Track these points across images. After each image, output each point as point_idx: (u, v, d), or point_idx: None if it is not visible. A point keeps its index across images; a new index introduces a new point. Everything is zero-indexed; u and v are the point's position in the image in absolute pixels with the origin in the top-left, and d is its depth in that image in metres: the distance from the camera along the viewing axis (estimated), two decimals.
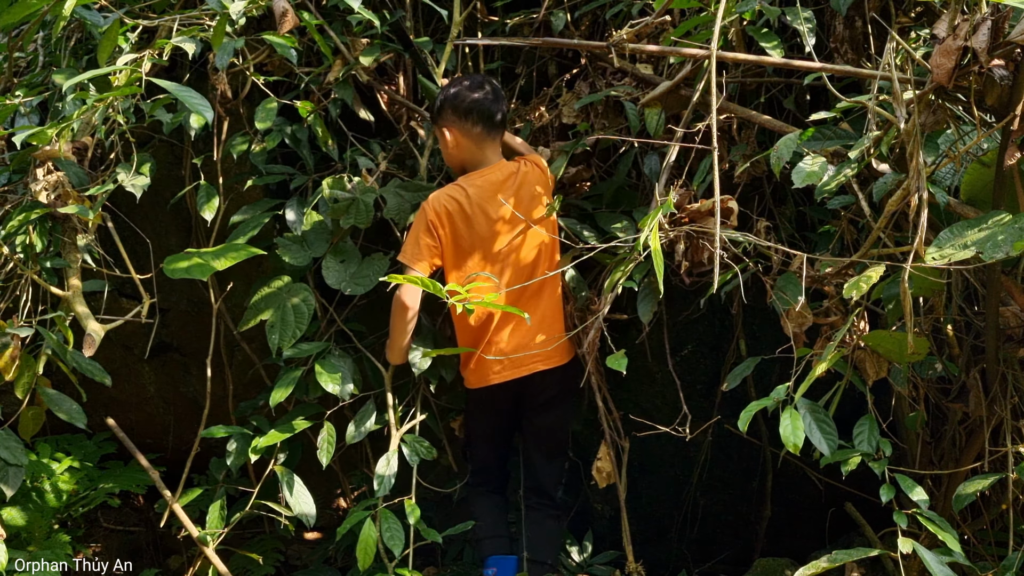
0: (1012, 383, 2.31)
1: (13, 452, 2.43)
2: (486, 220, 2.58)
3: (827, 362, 2.11)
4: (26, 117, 2.84)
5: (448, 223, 2.56)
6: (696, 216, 2.37)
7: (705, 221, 2.35)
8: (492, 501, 2.85)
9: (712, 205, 2.33)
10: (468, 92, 2.59)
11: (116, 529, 3.85)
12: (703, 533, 3.48)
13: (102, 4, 2.75)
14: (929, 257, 1.87)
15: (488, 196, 2.58)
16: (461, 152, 2.64)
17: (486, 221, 2.58)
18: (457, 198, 2.57)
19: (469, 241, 2.57)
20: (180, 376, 3.58)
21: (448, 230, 2.57)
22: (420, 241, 2.55)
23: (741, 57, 2.37)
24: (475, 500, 2.86)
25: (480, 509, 2.84)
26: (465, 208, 2.56)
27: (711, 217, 2.32)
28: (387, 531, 2.49)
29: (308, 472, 2.95)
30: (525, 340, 2.63)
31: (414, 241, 2.56)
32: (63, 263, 2.52)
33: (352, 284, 2.67)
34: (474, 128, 2.60)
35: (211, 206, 2.72)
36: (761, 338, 2.99)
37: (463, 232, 2.57)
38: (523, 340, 2.63)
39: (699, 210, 2.36)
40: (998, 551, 2.49)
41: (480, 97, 2.59)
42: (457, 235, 2.57)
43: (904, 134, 1.97)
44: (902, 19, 2.48)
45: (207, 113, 2.24)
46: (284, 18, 2.45)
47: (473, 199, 2.57)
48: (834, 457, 2.15)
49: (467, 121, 2.60)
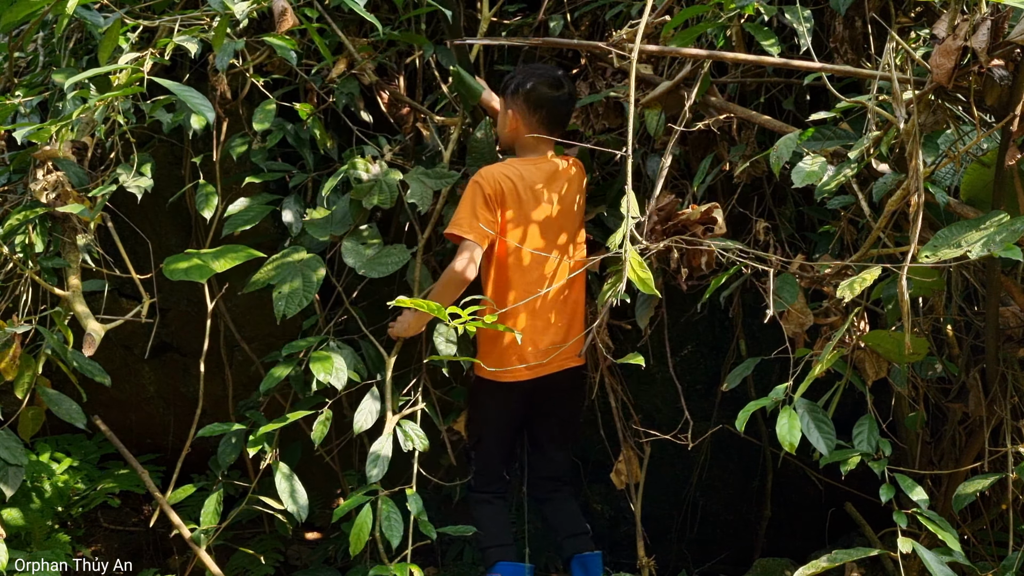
0: (1012, 383, 2.32)
1: (13, 452, 2.43)
2: (536, 205, 2.58)
3: (826, 362, 2.11)
4: (26, 117, 2.84)
5: (504, 200, 2.55)
6: (688, 223, 2.37)
7: (695, 228, 2.36)
8: (496, 508, 2.81)
9: (700, 214, 2.34)
10: (545, 88, 2.61)
11: (116, 529, 3.85)
12: (703, 533, 3.49)
13: (103, 4, 2.75)
14: (922, 256, 1.88)
15: (540, 182, 2.59)
16: (517, 136, 2.66)
17: (536, 206, 2.58)
18: (511, 176, 2.56)
19: (519, 223, 2.57)
20: (180, 376, 3.58)
21: (506, 207, 2.55)
22: (478, 213, 2.50)
23: (741, 57, 2.37)
24: (479, 507, 2.80)
25: (484, 517, 2.79)
26: (518, 188, 2.56)
27: (700, 225, 2.33)
28: (385, 520, 2.43)
29: (307, 472, 2.95)
30: (557, 337, 2.63)
31: (470, 213, 2.51)
32: (63, 263, 2.52)
33: (369, 267, 2.61)
34: (539, 124, 2.63)
35: (210, 206, 2.72)
36: (761, 338, 2.99)
37: (516, 213, 2.56)
38: (555, 337, 2.63)
39: (689, 218, 2.37)
40: (998, 551, 2.49)
41: (555, 96, 2.61)
42: (510, 214, 2.56)
43: (904, 134, 1.97)
44: (902, 19, 2.48)
45: (208, 113, 2.23)
46: (283, 17, 2.45)
47: (526, 181, 2.58)
48: (833, 457, 2.15)
49: (534, 115, 2.62)
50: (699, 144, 2.72)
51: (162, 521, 2.85)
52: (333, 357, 2.60)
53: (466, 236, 2.49)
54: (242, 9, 2.40)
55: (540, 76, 2.63)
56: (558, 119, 2.64)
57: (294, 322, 2.80)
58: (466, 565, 3.41)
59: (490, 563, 2.73)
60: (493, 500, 2.80)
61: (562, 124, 2.66)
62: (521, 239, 2.57)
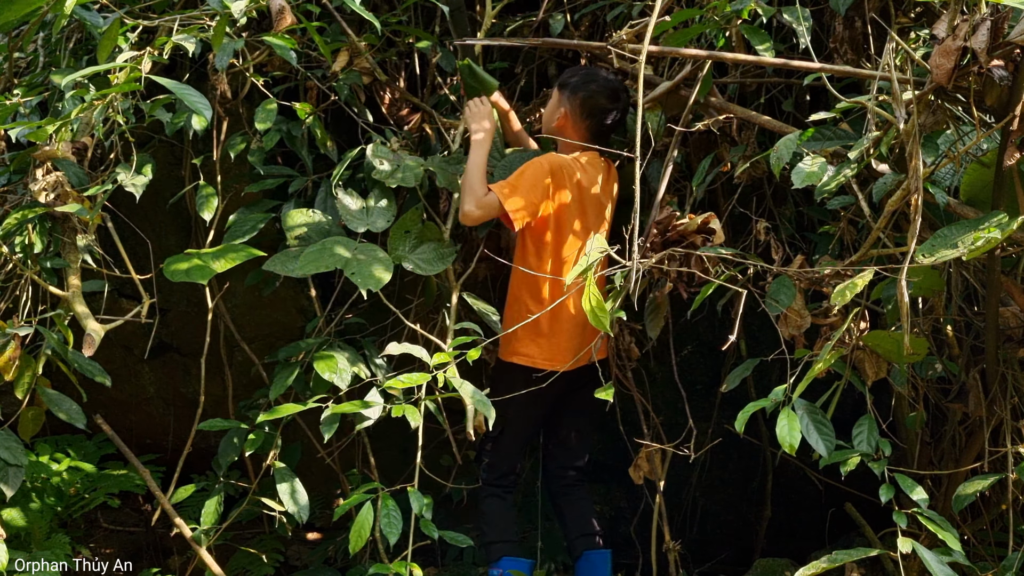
0: (1012, 383, 2.32)
1: (13, 452, 2.43)
2: (590, 196, 2.63)
3: (825, 362, 2.11)
4: (26, 117, 2.84)
5: (565, 183, 2.58)
6: (685, 233, 2.37)
7: (693, 239, 2.36)
8: (506, 504, 2.80)
9: (699, 223, 2.34)
10: (603, 100, 2.64)
11: (116, 529, 3.86)
12: (703, 533, 3.49)
13: (102, 4, 2.75)
14: (919, 256, 1.88)
15: (594, 176, 2.65)
16: (562, 132, 2.69)
17: (589, 197, 2.63)
18: (574, 166, 2.62)
19: (573, 210, 2.60)
20: (180, 376, 3.58)
21: (564, 190, 2.58)
22: (538, 181, 2.52)
23: (741, 58, 2.37)
24: (488, 502, 2.79)
25: (493, 512, 2.78)
26: (580, 177, 2.61)
27: (698, 234, 2.34)
28: (385, 517, 2.37)
29: (308, 473, 2.95)
30: (591, 329, 2.61)
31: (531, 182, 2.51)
32: (63, 263, 2.52)
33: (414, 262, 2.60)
34: (587, 129, 2.67)
35: (210, 207, 2.72)
36: (761, 339, 2.99)
37: (574, 198, 2.60)
38: (591, 329, 2.60)
39: (687, 228, 2.37)
40: (998, 551, 2.49)
41: (609, 107, 2.65)
42: (568, 199, 2.59)
43: (904, 134, 1.97)
44: (901, 19, 2.48)
45: (207, 112, 2.24)
46: (281, 16, 2.45)
47: (588, 172, 2.63)
48: (833, 457, 2.15)
49: (585, 121, 2.66)
50: (699, 145, 2.72)
51: (162, 521, 2.85)
52: (336, 356, 2.60)
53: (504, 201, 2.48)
54: (240, 8, 2.40)
55: (599, 82, 2.64)
56: (603, 131, 2.68)
57: (294, 322, 2.81)
58: (466, 565, 3.41)
59: (495, 558, 2.73)
60: (504, 495, 2.79)
61: (607, 136, 2.70)
62: (571, 226, 2.61)
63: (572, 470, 2.86)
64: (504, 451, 2.77)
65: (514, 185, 2.51)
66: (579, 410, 2.83)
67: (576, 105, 2.64)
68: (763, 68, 2.63)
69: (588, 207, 2.64)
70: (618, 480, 3.42)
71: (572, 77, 2.67)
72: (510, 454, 2.78)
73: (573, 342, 2.65)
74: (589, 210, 2.65)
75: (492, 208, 2.50)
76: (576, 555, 2.80)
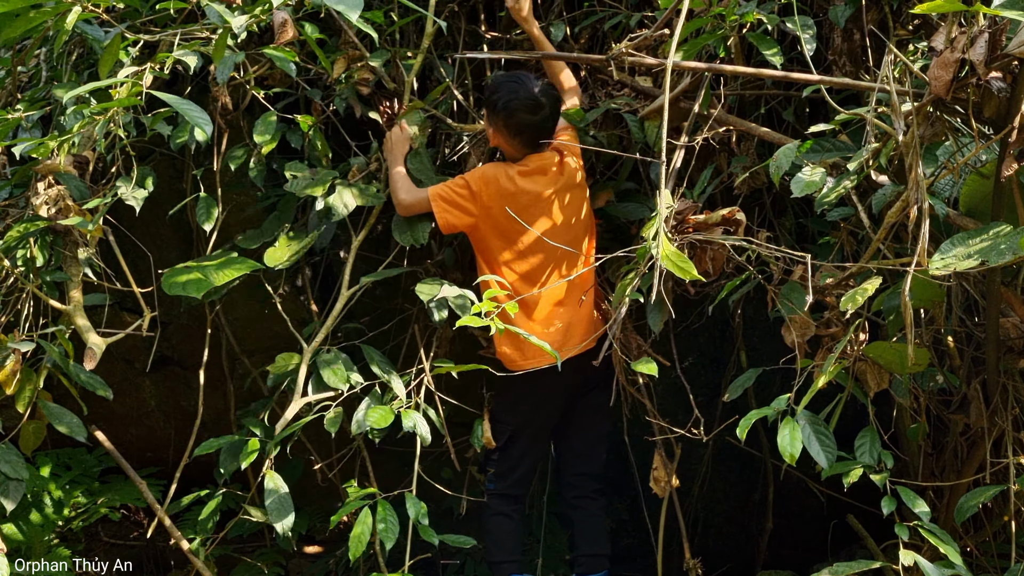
0: (1013, 394, 2.31)
1: (14, 466, 2.43)
2: (529, 200, 2.61)
3: (828, 374, 2.11)
4: (28, 131, 2.85)
5: (490, 193, 2.59)
6: (702, 227, 2.37)
7: (712, 232, 2.35)
8: (513, 523, 2.76)
9: (720, 218, 2.34)
10: (524, 115, 2.59)
11: (116, 543, 3.85)
12: (704, 545, 3.47)
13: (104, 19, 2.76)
14: (934, 266, 1.87)
15: (532, 179, 2.63)
16: (501, 148, 2.72)
17: (530, 201, 2.61)
18: (511, 176, 2.62)
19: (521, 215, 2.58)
20: (181, 390, 3.57)
21: (488, 200, 2.60)
22: (456, 190, 2.61)
23: (742, 70, 2.38)
24: (494, 520, 2.75)
25: (500, 531, 2.74)
26: (521, 185, 2.61)
27: (717, 228, 2.33)
28: (381, 522, 2.35)
29: (308, 487, 2.94)
30: (574, 317, 2.65)
31: (450, 187, 2.62)
32: (64, 276, 2.53)
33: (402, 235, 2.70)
34: (521, 145, 2.66)
35: (211, 218, 2.73)
36: (761, 350, 2.99)
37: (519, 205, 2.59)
38: (573, 319, 2.65)
39: (706, 222, 2.37)
40: (1001, 563, 2.49)
41: (532, 121, 2.61)
42: (500, 210, 2.59)
43: (903, 146, 1.97)
44: (900, 32, 2.49)
45: (207, 127, 2.24)
46: (283, 29, 2.46)
47: (516, 179, 2.62)
48: (835, 469, 2.14)
49: (515, 138, 2.64)
50: (699, 155, 2.72)
51: (162, 535, 2.85)
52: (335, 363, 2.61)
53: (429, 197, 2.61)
54: (241, 23, 2.41)
55: (519, 100, 2.58)
56: (536, 140, 2.65)
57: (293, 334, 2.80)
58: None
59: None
60: (511, 514, 2.76)
61: (545, 137, 2.67)
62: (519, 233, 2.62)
63: (588, 478, 2.83)
64: (516, 459, 2.74)
65: (443, 195, 2.62)
66: (590, 415, 2.81)
67: (501, 126, 2.62)
68: (762, 80, 2.63)
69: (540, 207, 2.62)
70: (620, 491, 3.41)
71: (493, 94, 2.63)
72: (522, 462, 2.75)
73: (550, 340, 2.57)
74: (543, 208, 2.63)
75: (422, 201, 2.63)
76: (579, 572, 2.79)
